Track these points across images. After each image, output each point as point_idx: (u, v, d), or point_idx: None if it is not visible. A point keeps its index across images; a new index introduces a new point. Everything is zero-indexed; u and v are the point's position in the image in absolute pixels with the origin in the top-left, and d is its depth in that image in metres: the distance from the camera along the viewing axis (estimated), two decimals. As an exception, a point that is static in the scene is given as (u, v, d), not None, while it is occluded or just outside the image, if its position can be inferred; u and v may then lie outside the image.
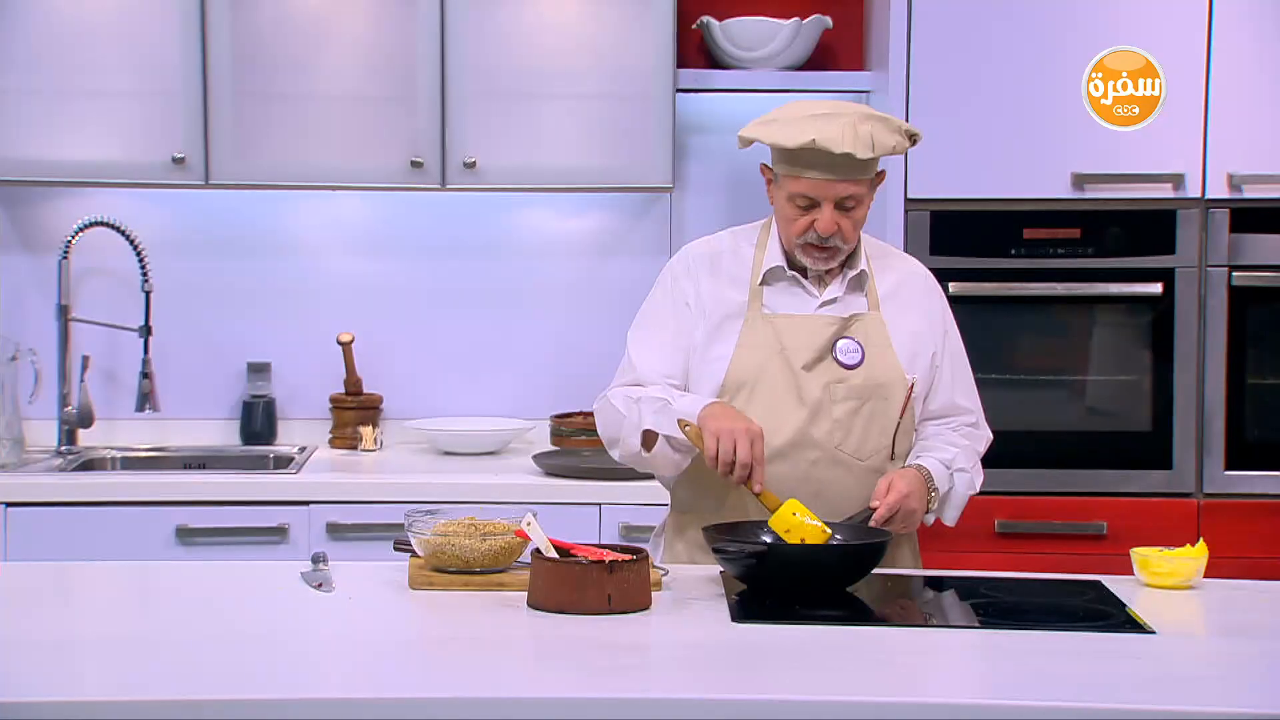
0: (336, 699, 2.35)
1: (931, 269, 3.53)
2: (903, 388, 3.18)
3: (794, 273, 3.21)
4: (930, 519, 3.21)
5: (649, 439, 3.12)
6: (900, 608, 2.97)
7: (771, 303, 3.21)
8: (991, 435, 3.35)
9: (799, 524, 2.96)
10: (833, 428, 3.15)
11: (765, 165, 3.22)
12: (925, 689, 2.48)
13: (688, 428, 3.05)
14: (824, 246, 3.15)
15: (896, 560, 3.24)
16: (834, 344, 3.17)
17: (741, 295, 3.21)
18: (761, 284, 3.21)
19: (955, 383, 3.29)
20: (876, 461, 3.18)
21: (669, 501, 3.34)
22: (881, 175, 3.18)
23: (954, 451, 3.22)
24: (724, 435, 2.99)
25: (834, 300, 3.21)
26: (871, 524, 3.05)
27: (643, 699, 2.35)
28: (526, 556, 2.94)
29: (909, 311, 3.25)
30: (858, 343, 3.18)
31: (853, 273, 3.22)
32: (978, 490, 3.28)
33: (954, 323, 3.33)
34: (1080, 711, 2.32)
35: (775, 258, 3.22)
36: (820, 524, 2.97)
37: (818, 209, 3.11)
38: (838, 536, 3.01)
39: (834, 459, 3.15)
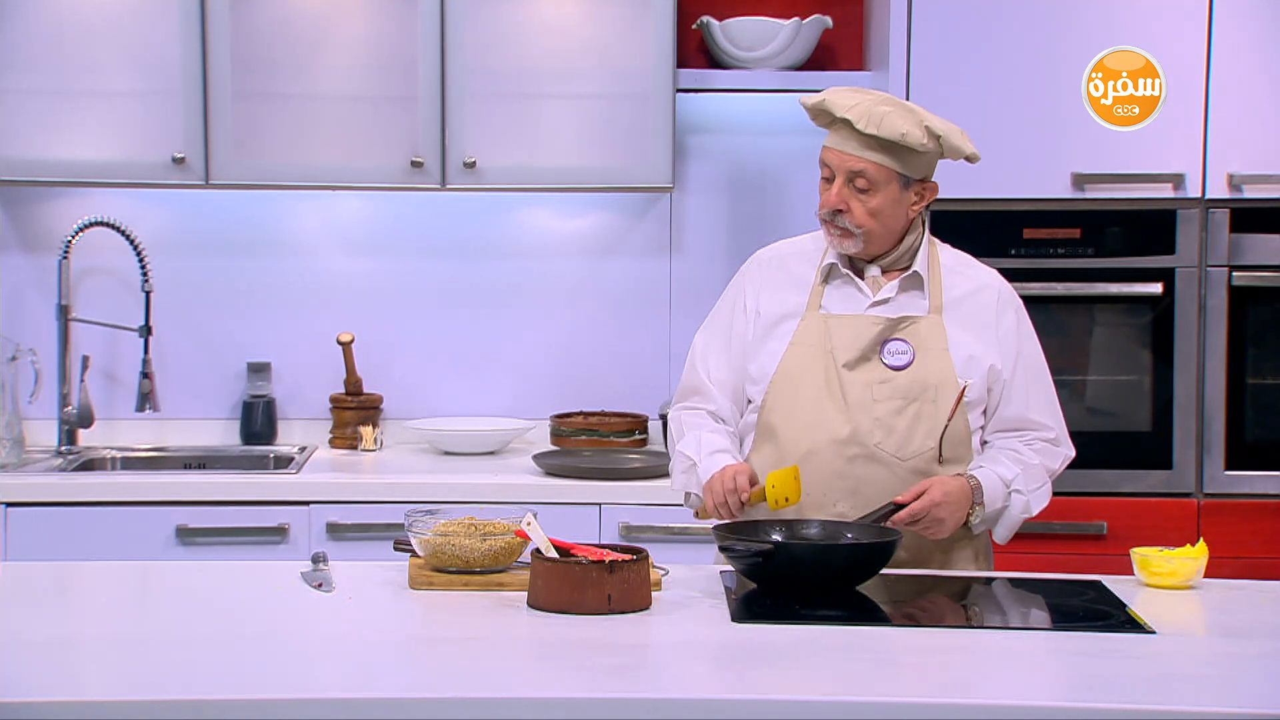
0: (336, 699, 2.35)
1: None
2: (954, 390, 3.17)
3: (848, 272, 3.25)
4: (979, 527, 3.21)
5: (684, 496, 3.28)
6: (900, 608, 2.97)
7: (828, 303, 3.26)
8: (1074, 453, 3.34)
9: (774, 491, 3.06)
10: (873, 426, 3.16)
11: None
12: (925, 689, 2.48)
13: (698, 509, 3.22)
14: (835, 224, 3.19)
15: (954, 563, 3.24)
16: (882, 344, 3.20)
17: (802, 296, 3.27)
18: (823, 283, 3.26)
19: (1030, 398, 3.27)
20: (920, 463, 3.18)
21: None
22: (931, 187, 3.24)
23: (1017, 471, 3.22)
24: (711, 494, 3.14)
25: (886, 301, 3.24)
26: (892, 523, 3.06)
27: (643, 699, 2.35)
28: (526, 556, 2.94)
29: (974, 321, 3.25)
30: (908, 344, 3.20)
31: (908, 273, 3.24)
32: (1035, 514, 3.27)
33: (1033, 337, 3.32)
34: (1080, 711, 2.32)
35: (834, 255, 3.27)
36: (788, 477, 3.06)
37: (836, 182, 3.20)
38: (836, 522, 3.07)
39: (873, 456, 3.16)
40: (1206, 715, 2.33)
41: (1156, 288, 4.25)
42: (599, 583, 2.74)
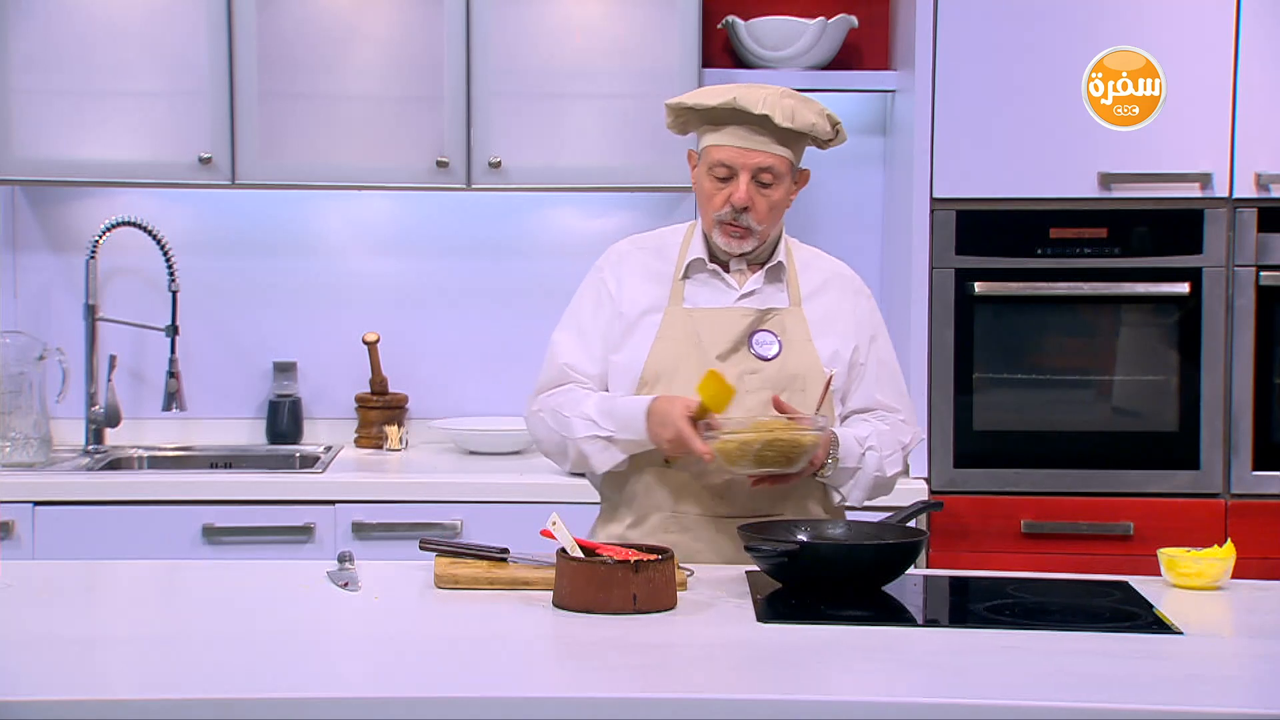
0: (362, 698, 2.35)
1: (957, 269, 3.54)
2: (820, 380, 3.20)
3: (715, 266, 3.26)
4: (829, 480, 3.20)
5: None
6: (926, 608, 2.96)
7: (692, 297, 3.26)
8: (923, 436, 3.34)
9: (712, 402, 3.03)
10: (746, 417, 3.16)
11: (691, 150, 3.29)
12: (951, 689, 2.47)
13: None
14: (738, 224, 3.19)
15: (808, 510, 3.23)
16: (751, 336, 3.22)
17: (664, 290, 3.27)
18: (684, 278, 3.26)
19: (880, 383, 3.30)
20: None
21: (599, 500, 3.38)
22: (805, 174, 3.24)
23: (870, 430, 3.23)
24: (669, 444, 3.07)
25: (752, 293, 3.25)
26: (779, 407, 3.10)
27: (668, 699, 2.35)
28: (552, 556, 2.94)
29: (832, 311, 3.28)
30: (775, 336, 3.22)
31: (771, 264, 3.26)
32: (889, 476, 3.25)
33: (884, 328, 3.35)
34: (1108, 712, 2.32)
35: (698, 250, 3.27)
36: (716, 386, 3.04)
37: (735, 181, 3.16)
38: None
39: None
40: (1235, 716, 2.32)
41: (1184, 287, 4.24)
42: (624, 582, 2.74)
